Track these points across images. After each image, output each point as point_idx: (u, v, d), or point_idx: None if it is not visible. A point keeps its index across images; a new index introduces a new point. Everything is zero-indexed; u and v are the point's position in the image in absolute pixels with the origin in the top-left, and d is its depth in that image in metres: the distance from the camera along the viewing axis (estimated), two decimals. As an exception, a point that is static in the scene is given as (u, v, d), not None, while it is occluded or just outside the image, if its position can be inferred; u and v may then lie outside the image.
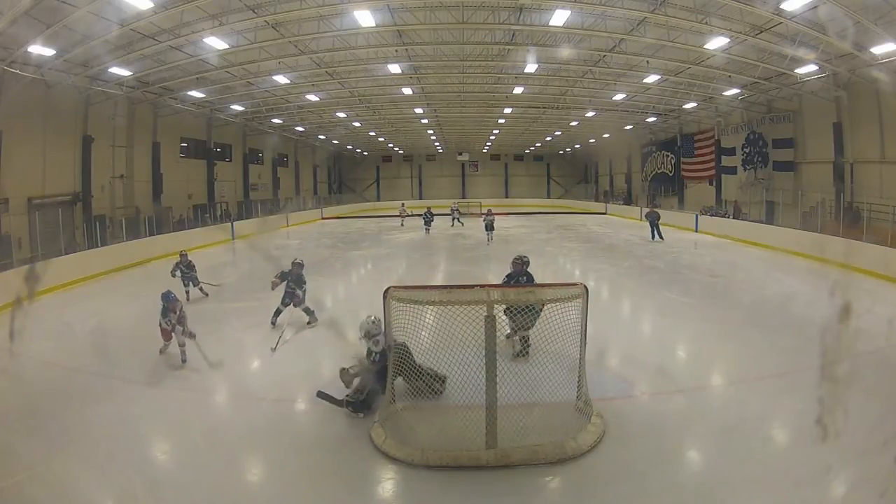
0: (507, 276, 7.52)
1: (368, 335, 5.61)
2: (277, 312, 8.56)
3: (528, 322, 5.60)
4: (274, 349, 7.37)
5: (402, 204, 30.01)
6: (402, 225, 27.02)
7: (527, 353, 6.28)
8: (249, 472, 4.54)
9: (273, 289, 8.43)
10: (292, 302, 8.56)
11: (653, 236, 19.39)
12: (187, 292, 10.43)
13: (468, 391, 4.75)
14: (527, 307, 5.48)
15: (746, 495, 3.95)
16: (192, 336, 6.66)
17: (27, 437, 4.90)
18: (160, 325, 6.86)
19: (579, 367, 5.17)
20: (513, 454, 4.43)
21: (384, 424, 4.92)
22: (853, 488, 3.90)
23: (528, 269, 7.41)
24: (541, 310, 5.45)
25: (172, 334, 6.79)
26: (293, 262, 8.71)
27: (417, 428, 4.84)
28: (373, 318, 5.67)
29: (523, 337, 6.32)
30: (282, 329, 7.97)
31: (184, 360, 6.78)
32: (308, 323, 8.61)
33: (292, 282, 8.54)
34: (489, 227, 20.00)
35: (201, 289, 10.83)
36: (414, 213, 27.90)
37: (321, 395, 5.53)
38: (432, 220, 23.51)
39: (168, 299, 6.82)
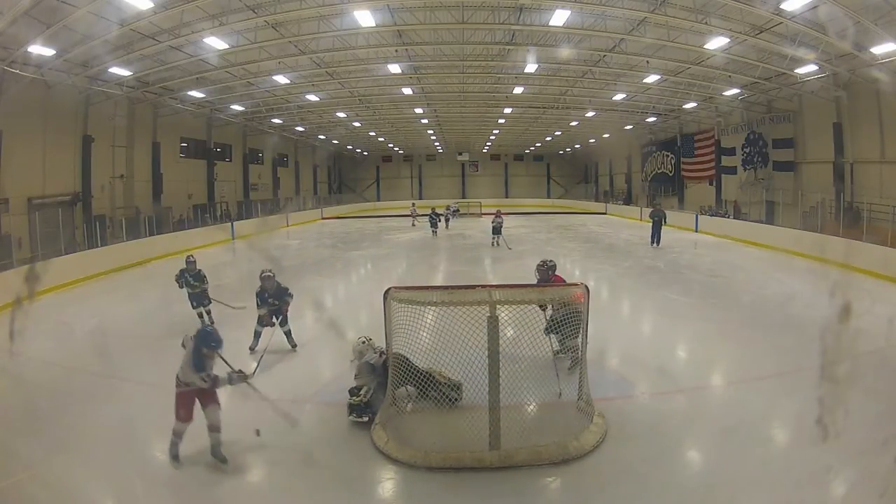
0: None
1: (362, 355, 5.54)
2: (256, 335, 7.23)
3: (572, 331, 5.36)
4: (251, 376, 6.18)
5: (413, 204, 29.71)
6: (413, 225, 26.67)
7: (575, 367, 5.70)
8: (250, 472, 4.54)
9: (265, 323, 7.14)
10: (270, 323, 7.13)
11: (653, 240, 17.71)
12: (200, 316, 8.29)
13: (469, 392, 4.75)
14: (568, 316, 5.23)
15: (747, 495, 3.94)
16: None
17: (27, 437, 4.89)
18: (178, 383, 4.28)
19: (581, 366, 5.17)
20: (517, 455, 4.41)
21: (385, 426, 4.89)
22: (853, 488, 3.90)
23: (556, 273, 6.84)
24: (579, 312, 5.34)
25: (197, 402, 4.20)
26: (262, 276, 7.11)
27: (419, 429, 4.82)
28: (362, 338, 5.64)
29: (572, 347, 5.83)
30: (261, 354, 6.80)
31: (223, 460, 4.33)
32: (293, 347, 7.29)
33: (272, 297, 7.12)
34: (497, 231, 18.35)
35: (209, 312, 8.48)
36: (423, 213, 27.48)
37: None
38: (438, 222, 22.80)
39: (207, 340, 4.31)
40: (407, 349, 5.10)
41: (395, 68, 18.33)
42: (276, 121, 28.01)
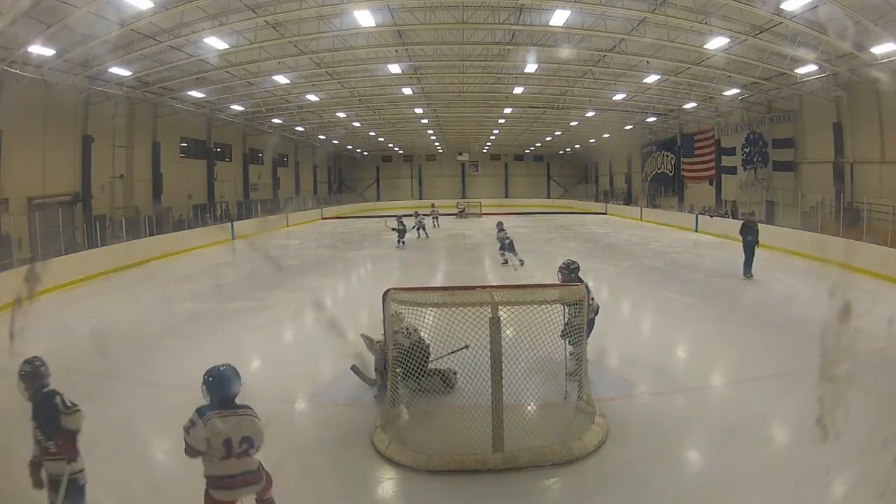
0: None
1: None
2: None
3: (576, 337, 5.18)
4: None
5: (433, 204, 29.38)
6: (436, 226, 26.03)
7: (578, 371, 5.31)
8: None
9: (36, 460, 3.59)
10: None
11: (747, 267, 12.11)
12: None
13: (470, 393, 4.73)
14: (579, 325, 5.04)
15: (747, 495, 3.95)
16: None
17: (27, 437, 4.89)
18: None
19: (581, 366, 5.16)
20: (521, 456, 4.38)
21: (386, 429, 4.85)
22: (853, 488, 3.90)
23: (580, 275, 6.24)
24: (593, 319, 5.45)
25: None
26: (23, 371, 3.53)
27: (421, 431, 4.79)
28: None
29: (577, 354, 5.35)
30: None
31: None
32: None
33: (36, 418, 3.56)
34: (508, 248, 14.33)
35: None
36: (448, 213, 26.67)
37: (354, 369, 5.56)
38: (422, 227, 21.15)
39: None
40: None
41: (395, 68, 18.33)
42: (276, 121, 28.01)
